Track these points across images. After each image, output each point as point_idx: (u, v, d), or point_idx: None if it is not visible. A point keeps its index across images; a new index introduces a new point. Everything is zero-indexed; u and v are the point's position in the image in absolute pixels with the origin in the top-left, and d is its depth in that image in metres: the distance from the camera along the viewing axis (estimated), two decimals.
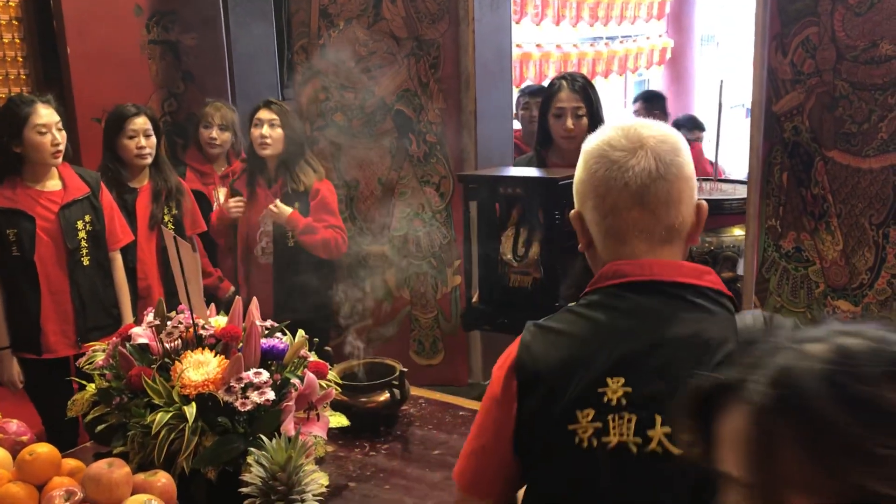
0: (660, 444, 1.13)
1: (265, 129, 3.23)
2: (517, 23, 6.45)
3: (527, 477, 1.25)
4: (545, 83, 6.79)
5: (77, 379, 2.01)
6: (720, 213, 3.94)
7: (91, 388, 1.90)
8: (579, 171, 1.28)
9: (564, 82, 2.84)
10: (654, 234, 1.22)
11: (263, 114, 3.25)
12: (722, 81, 4.60)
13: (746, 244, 2.94)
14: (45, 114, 2.82)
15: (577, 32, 7.48)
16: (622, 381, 1.15)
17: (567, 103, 2.81)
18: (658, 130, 1.24)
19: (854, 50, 2.53)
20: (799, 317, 2.82)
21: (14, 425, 1.82)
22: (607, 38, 7.93)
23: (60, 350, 2.95)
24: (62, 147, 2.86)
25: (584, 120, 2.82)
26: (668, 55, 8.60)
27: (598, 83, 7.83)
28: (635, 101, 4.66)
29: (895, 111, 2.44)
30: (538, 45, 7.01)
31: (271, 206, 3.23)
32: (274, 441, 1.53)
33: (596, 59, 7.64)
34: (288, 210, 3.24)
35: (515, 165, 3.11)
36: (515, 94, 4.87)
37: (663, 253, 1.23)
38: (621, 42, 7.98)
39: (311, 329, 2.95)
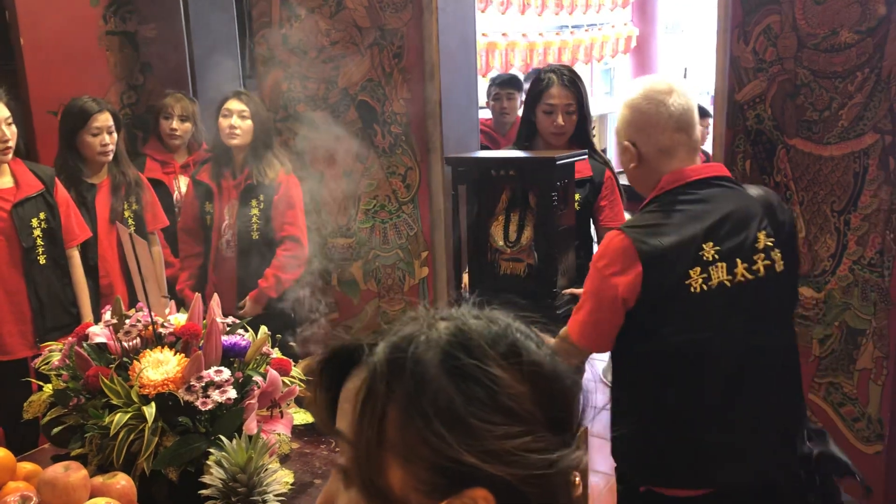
0: (742, 276, 1.83)
1: (234, 120, 3.18)
2: (483, 11, 6.42)
3: (645, 326, 1.84)
4: (512, 72, 6.80)
5: (35, 380, 1.96)
6: None
7: (48, 388, 1.86)
8: (628, 113, 1.89)
9: (554, 76, 2.75)
10: (690, 147, 1.89)
11: (233, 104, 3.21)
12: (686, 69, 4.63)
13: None
14: None
15: (542, 21, 7.46)
16: (711, 243, 1.82)
17: (558, 100, 2.74)
18: (677, 80, 1.91)
19: (815, 38, 2.54)
20: None
21: None
22: (573, 27, 7.93)
23: (18, 351, 2.89)
24: (12, 143, 2.78)
25: (574, 116, 2.78)
26: (633, 43, 8.63)
27: None
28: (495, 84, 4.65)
29: (855, 99, 2.46)
30: (504, 34, 6.98)
31: (242, 311, 3.22)
32: (234, 442, 1.50)
33: (562, 47, 7.64)
34: (249, 305, 3.25)
35: None
36: (482, 83, 4.85)
37: (695, 159, 1.91)
38: (587, 31, 7.98)
39: (276, 323, 2.94)
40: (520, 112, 4.50)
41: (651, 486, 1.94)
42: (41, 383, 1.91)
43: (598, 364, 4.84)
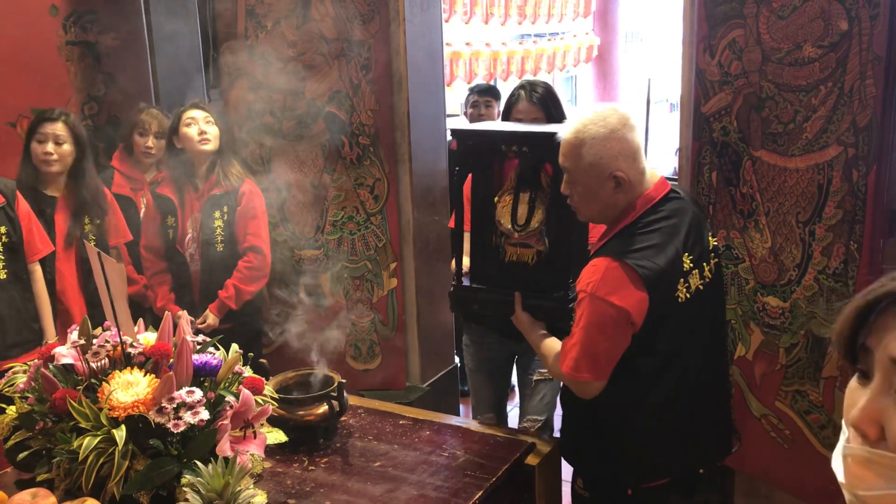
0: (706, 277, 2.01)
1: (203, 125, 3.15)
2: (446, 21, 6.43)
3: (641, 340, 1.91)
4: (493, 82, 6.82)
5: None
6: None
7: (11, 411, 1.81)
8: (616, 145, 1.91)
9: (523, 92, 2.68)
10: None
11: (195, 112, 3.18)
12: (650, 80, 4.68)
13: None
14: None
15: (505, 30, 7.50)
16: (687, 254, 1.95)
17: (525, 115, 2.65)
18: (622, 105, 2.00)
19: (779, 52, 2.58)
20: (729, 313, 2.87)
21: None
22: (535, 36, 7.98)
23: None
24: None
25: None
26: (595, 53, 8.71)
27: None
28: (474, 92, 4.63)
29: (818, 112, 2.50)
30: (468, 43, 7.00)
31: (204, 324, 3.19)
32: (210, 467, 1.47)
33: (525, 57, 7.68)
34: (211, 318, 3.22)
35: None
36: (448, 93, 4.85)
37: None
38: (549, 40, 8.04)
39: (244, 337, 2.89)
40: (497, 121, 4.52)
41: (639, 485, 2.04)
42: (3, 405, 1.85)
43: None
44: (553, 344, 2.10)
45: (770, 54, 2.61)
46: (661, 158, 7.49)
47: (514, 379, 3.02)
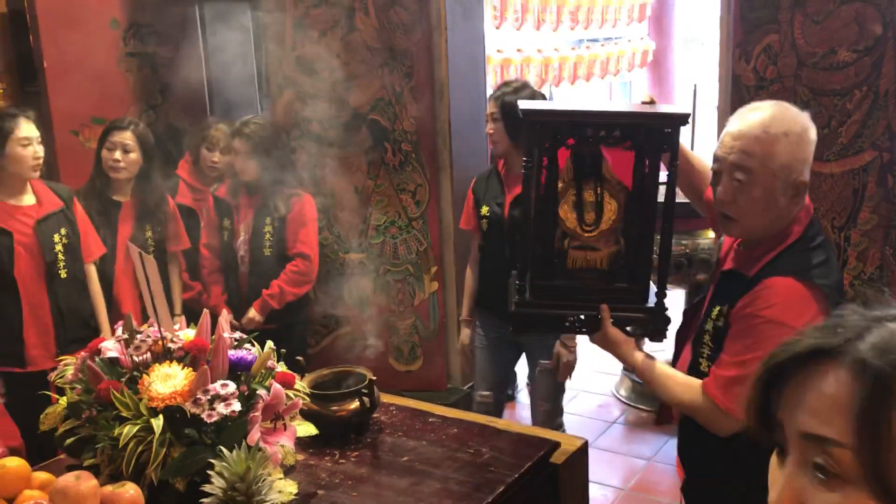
0: None
1: (239, 160, 3.28)
2: (497, 28, 6.49)
3: None
4: (544, 88, 6.85)
5: (51, 394, 2.03)
6: (694, 216, 3.98)
7: (63, 401, 1.93)
8: (808, 148, 1.66)
9: (498, 92, 2.92)
10: None
11: (235, 143, 3.30)
12: (696, 85, 4.67)
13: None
14: (28, 128, 2.86)
15: (557, 36, 7.51)
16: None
17: (486, 110, 2.93)
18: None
19: (813, 57, 2.58)
20: None
21: None
22: (589, 42, 7.97)
23: (41, 363, 2.97)
24: (41, 161, 2.90)
25: (500, 123, 2.84)
26: (650, 57, 8.66)
27: (581, 87, 7.89)
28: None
29: (853, 116, 2.49)
30: (519, 49, 7.04)
31: (245, 320, 3.32)
32: (234, 452, 1.56)
33: (578, 62, 7.68)
34: (252, 313, 3.32)
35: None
36: None
37: None
38: (602, 45, 8.02)
39: (288, 337, 3.00)
40: None
41: None
42: (59, 396, 1.98)
43: (611, 379, 4.86)
44: (671, 372, 1.85)
45: (805, 59, 2.61)
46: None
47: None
